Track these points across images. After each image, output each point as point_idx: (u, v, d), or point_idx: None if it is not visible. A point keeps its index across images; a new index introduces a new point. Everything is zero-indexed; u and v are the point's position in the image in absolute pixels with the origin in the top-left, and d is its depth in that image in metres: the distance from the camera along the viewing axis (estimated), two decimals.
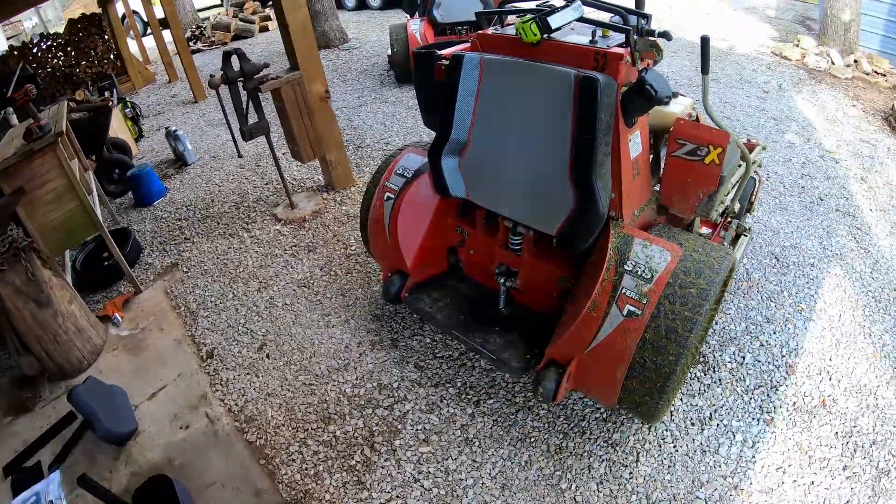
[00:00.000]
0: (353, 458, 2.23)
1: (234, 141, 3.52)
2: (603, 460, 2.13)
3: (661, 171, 2.14)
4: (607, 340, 1.83)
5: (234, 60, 3.19)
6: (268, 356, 2.81)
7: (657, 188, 2.21)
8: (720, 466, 2.06)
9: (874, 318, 2.64)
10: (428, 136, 4.81)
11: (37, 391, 2.77)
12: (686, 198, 2.08)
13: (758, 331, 2.62)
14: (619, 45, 1.85)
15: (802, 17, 7.54)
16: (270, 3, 3.43)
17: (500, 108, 2.06)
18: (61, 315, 2.79)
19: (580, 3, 1.87)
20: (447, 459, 2.18)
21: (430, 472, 2.14)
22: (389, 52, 6.20)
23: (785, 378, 2.37)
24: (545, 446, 2.19)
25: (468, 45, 2.56)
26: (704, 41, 1.82)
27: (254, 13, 9.12)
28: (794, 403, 2.26)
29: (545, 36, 1.88)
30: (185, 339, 3.00)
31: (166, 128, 5.10)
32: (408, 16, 6.74)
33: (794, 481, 1.99)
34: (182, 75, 7.55)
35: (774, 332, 2.60)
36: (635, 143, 1.99)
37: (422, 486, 2.09)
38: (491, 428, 2.29)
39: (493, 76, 2.04)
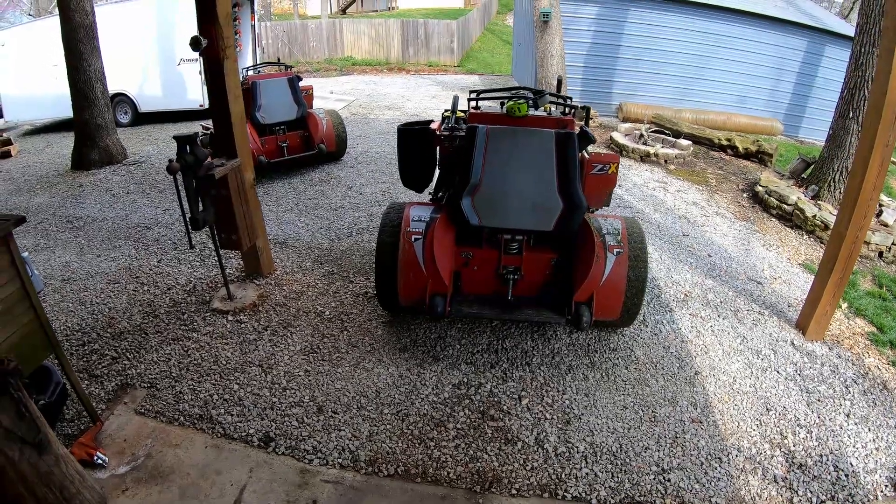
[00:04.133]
0: (486, 432, 2.70)
1: (188, 231, 3.28)
2: (619, 358, 3.29)
3: (583, 184, 3.56)
4: (612, 272, 3.02)
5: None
6: (334, 412, 2.85)
7: None
8: (670, 336, 3.48)
9: (675, 253, 4.69)
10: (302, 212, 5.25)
11: None
12: (599, 196, 3.54)
13: None
14: (563, 114, 3.25)
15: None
16: (210, 92, 3.57)
17: (503, 158, 3.15)
18: (63, 461, 2.21)
19: (547, 94, 3.27)
20: (543, 398, 2.93)
21: (542, 410, 2.85)
22: None
23: (660, 290, 4.03)
24: (585, 367, 3.20)
25: (436, 121, 3.59)
26: (560, 80, 3.40)
27: None
28: (675, 299, 3.92)
29: (529, 112, 3.14)
30: (221, 441, 2.69)
31: None
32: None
33: (704, 329, 3.57)
34: None
35: None
36: None
37: (545, 417, 2.78)
38: (549, 372, 3.14)
39: (498, 138, 3.15)
